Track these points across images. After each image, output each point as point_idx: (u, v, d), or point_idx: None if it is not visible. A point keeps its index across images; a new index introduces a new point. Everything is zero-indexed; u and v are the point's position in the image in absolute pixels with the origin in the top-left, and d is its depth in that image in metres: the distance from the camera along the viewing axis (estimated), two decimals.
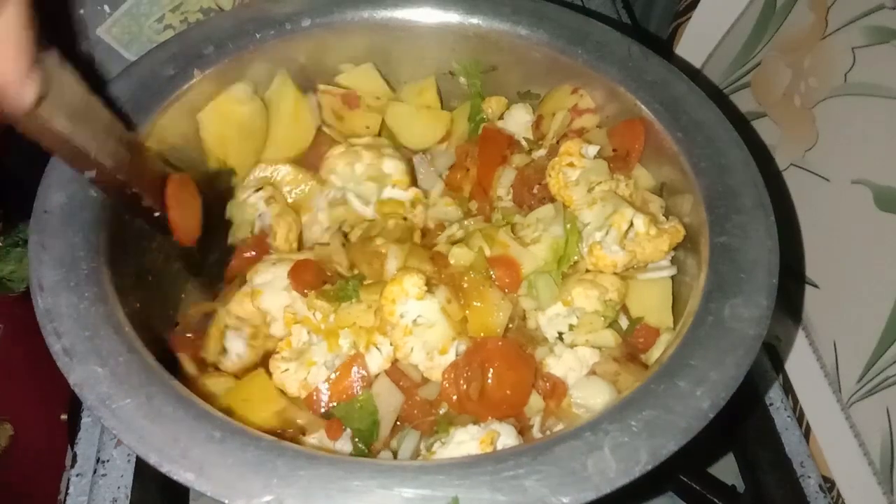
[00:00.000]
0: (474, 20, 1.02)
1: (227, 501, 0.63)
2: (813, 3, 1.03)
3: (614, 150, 0.99)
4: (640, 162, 0.98)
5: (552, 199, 0.97)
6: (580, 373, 0.87)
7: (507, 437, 0.79)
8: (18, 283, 1.18)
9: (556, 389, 0.86)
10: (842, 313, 0.99)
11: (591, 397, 0.84)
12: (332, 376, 0.85)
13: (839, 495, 0.97)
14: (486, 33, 1.02)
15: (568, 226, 0.91)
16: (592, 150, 0.97)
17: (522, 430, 0.84)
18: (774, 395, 1.07)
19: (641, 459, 0.66)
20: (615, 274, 0.91)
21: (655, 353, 0.88)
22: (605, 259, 0.89)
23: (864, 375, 0.93)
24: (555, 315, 0.90)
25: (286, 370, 0.86)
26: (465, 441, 0.78)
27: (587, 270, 0.92)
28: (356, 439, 0.84)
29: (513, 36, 1.01)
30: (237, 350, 0.91)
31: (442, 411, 0.86)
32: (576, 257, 0.92)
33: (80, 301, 0.73)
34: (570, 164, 0.95)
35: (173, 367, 0.90)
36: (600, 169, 0.95)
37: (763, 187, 0.86)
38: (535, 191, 0.99)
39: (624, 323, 0.93)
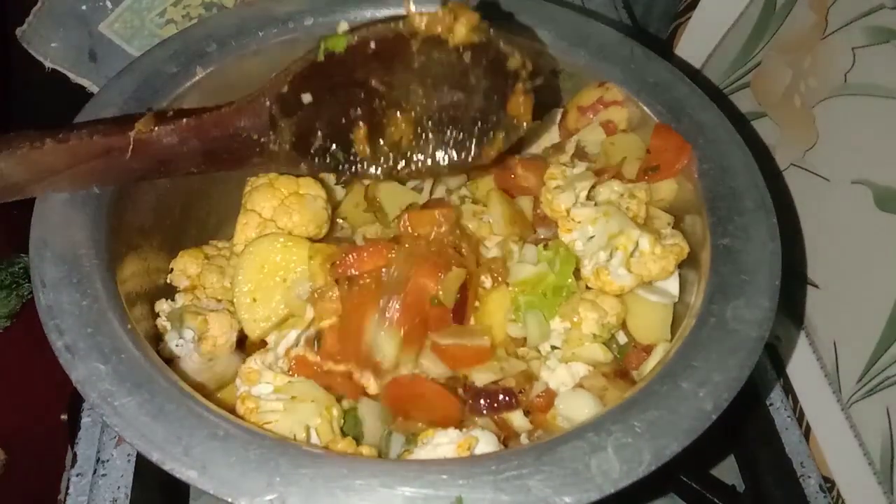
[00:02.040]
0: None
1: (230, 500, 0.63)
2: (813, 3, 1.03)
3: (648, 152, 0.96)
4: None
5: None
6: (570, 387, 0.87)
7: (485, 445, 0.78)
8: (3, 320, 1.18)
9: (549, 403, 0.86)
10: (842, 313, 0.99)
11: (576, 410, 0.83)
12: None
13: (839, 495, 0.98)
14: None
15: (558, 262, 0.90)
16: (579, 167, 0.95)
17: (508, 437, 0.84)
18: (775, 396, 1.07)
19: (645, 460, 0.66)
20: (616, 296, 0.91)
21: (650, 365, 0.87)
22: (613, 284, 0.87)
23: (864, 375, 0.93)
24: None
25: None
26: (442, 444, 0.78)
27: (588, 288, 0.90)
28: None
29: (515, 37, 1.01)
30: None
31: None
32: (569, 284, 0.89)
33: (82, 298, 0.73)
34: (558, 187, 0.93)
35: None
36: (584, 176, 0.93)
37: (765, 189, 0.87)
38: None
39: (621, 338, 0.92)
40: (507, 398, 0.85)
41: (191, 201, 0.98)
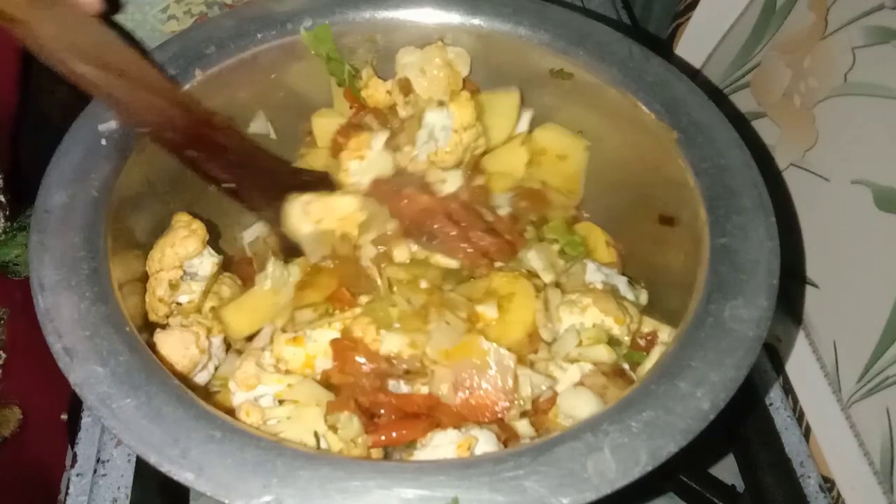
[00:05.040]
0: (476, 21, 1.02)
1: (226, 501, 0.63)
2: (813, 3, 1.03)
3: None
4: None
5: None
6: (571, 385, 0.86)
7: (485, 444, 0.79)
8: (24, 266, 1.18)
9: (552, 403, 0.86)
10: (842, 313, 0.99)
11: (577, 408, 0.83)
12: None
13: (839, 495, 0.98)
14: (487, 34, 1.02)
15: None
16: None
17: (509, 438, 0.84)
18: (774, 396, 1.07)
19: (641, 460, 0.66)
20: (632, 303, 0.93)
21: (648, 365, 0.87)
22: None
23: (864, 375, 0.93)
24: (573, 325, 0.89)
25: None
26: (441, 445, 0.78)
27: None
28: None
29: (514, 37, 1.01)
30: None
31: None
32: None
33: (80, 301, 0.73)
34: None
35: None
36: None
37: (764, 188, 0.86)
38: None
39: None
40: None
41: (192, 207, 0.98)
